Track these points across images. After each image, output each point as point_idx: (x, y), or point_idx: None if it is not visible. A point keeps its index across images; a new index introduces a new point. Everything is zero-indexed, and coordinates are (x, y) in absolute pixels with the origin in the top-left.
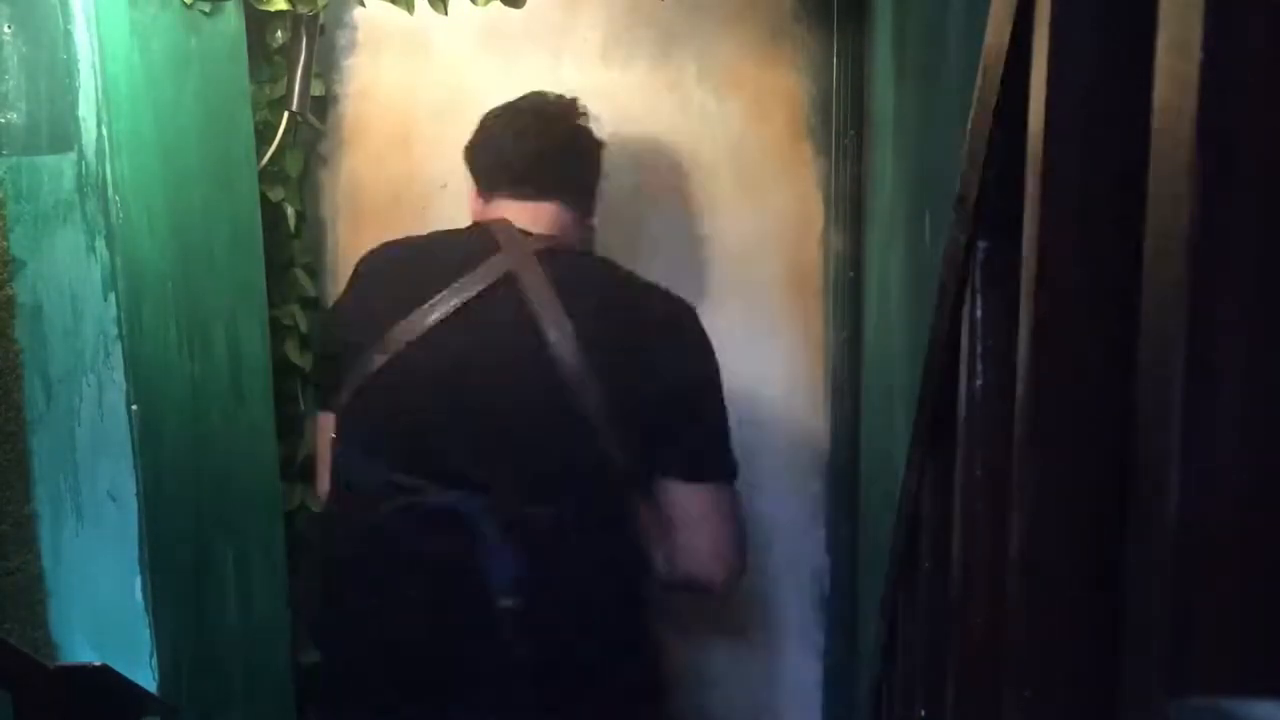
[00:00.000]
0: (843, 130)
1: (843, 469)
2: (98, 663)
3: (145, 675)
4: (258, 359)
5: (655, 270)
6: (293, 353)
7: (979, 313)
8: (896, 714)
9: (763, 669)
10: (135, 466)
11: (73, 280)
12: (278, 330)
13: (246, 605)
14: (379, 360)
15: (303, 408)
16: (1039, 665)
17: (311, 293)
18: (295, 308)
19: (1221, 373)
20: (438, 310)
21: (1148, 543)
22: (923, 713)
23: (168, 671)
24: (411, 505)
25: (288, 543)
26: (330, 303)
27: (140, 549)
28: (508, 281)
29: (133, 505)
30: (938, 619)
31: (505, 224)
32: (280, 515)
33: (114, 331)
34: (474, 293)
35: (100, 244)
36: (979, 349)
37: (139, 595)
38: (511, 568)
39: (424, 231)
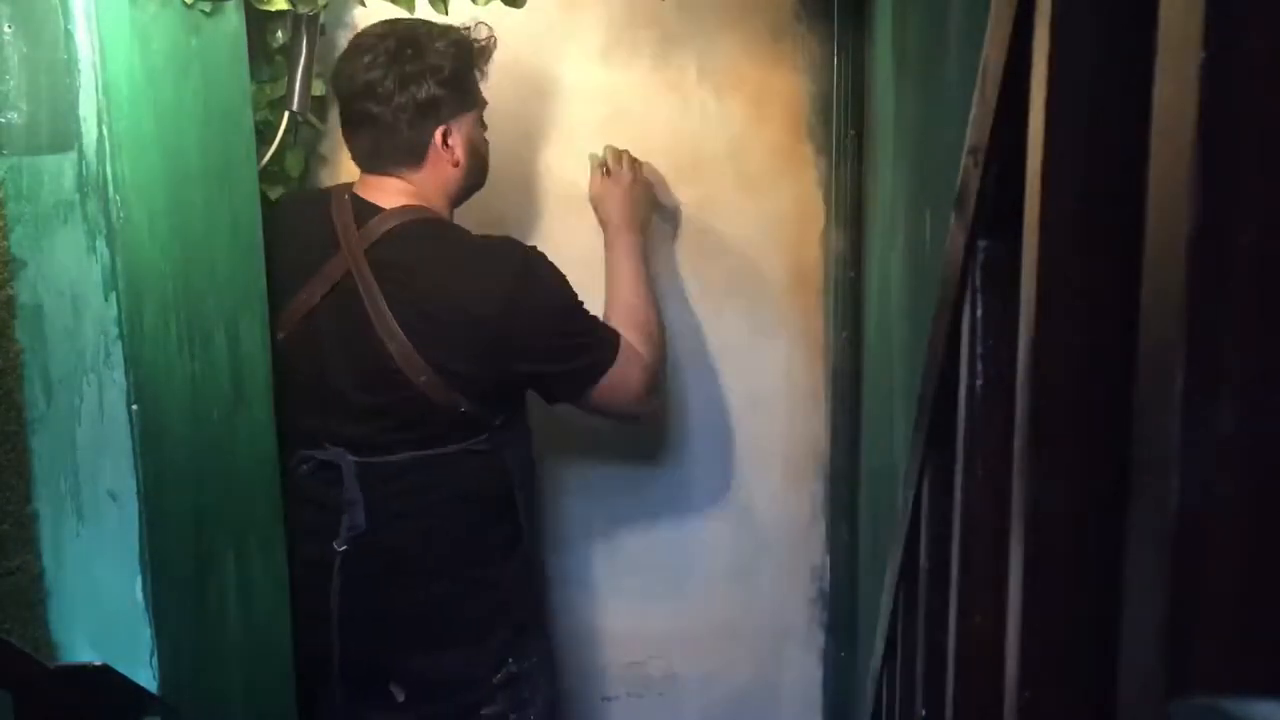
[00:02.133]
0: (843, 130)
1: (842, 468)
2: (98, 662)
3: (146, 675)
4: (258, 359)
5: (655, 268)
6: None
7: (979, 312)
8: (897, 713)
9: (762, 668)
10: (136, 466)
11: (73, 280)
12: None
13: (247, 605)
14: (280, 337)
15: None
16: (1039, 665)
17: None
18: None
19: (1221, 374)
20: (302, 304)
21: (1148, 543)
22: (923, 712)
23: (168, 671)
24: (304, 460)
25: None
26: None
27: (141, 549)
28: (348, 282)
29: (133, 505)
30: (938, 618)
31: (344, 202)
32: (281, 516)
33: (114, 332)
34: (325, 290)
35: (101, 244)
36: (979, 349)
37: (139, 595)
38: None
39: None
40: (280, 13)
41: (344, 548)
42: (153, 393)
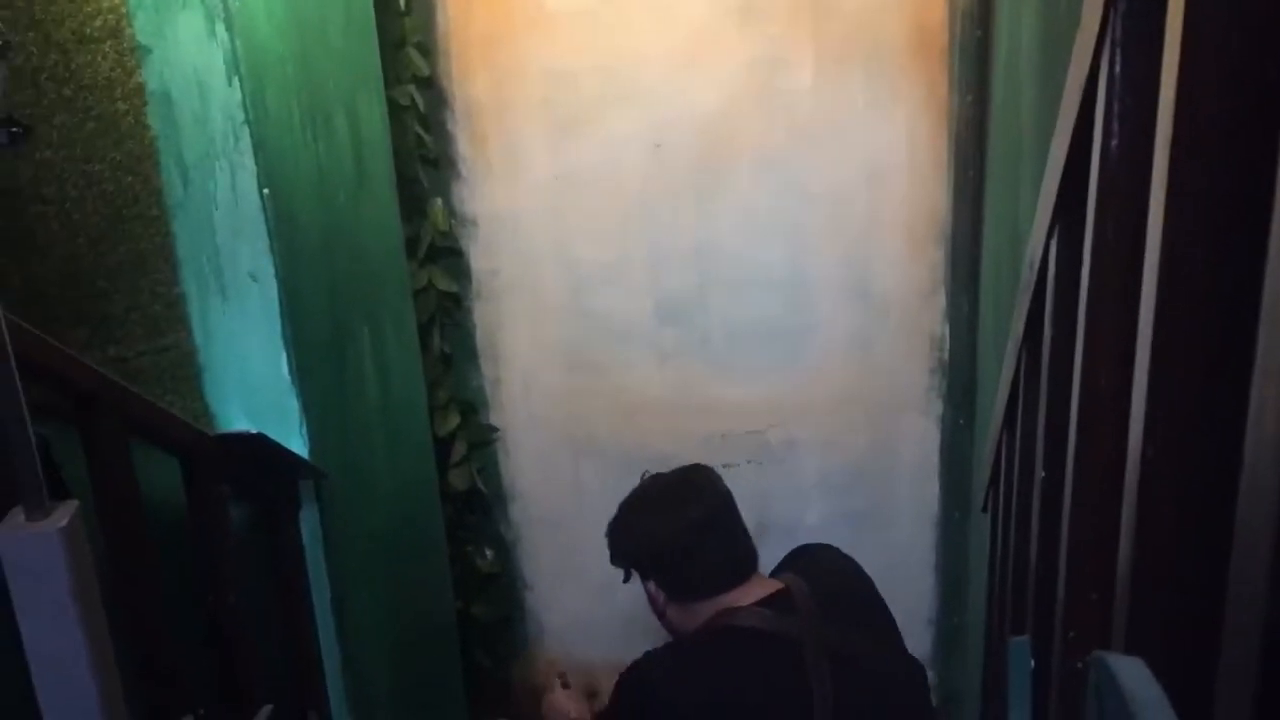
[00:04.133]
0: None
1: (964, 238)
2: (253, 430)
3: (297, 442)
4: (378, 140)
5: (767, 31)
6: (411, 133)
7: (1118, 69)
8: (1016, 476)
9: (880, 436)
10: (271, 249)
11: (197, 66)
12: (395, 110)
13: (384, 379)
14: None
15: (425, 186)
16: (1163, 424)
17: (425, 71)
18: (411, 88)
19: None
20: None
21: None
22: (1043, 474)
23: (317, 439)
24: None
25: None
26: (445, 81)
27: (283, 326)
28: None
29: (273, 285)
30: (1061, 381)
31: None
32: (409, 293)
33: (240, 117)
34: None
35: (220, 28)
36: (1116, 108)
37: (285, 369)
38: None
39: None
40: None
41: None
42: (282, 176)
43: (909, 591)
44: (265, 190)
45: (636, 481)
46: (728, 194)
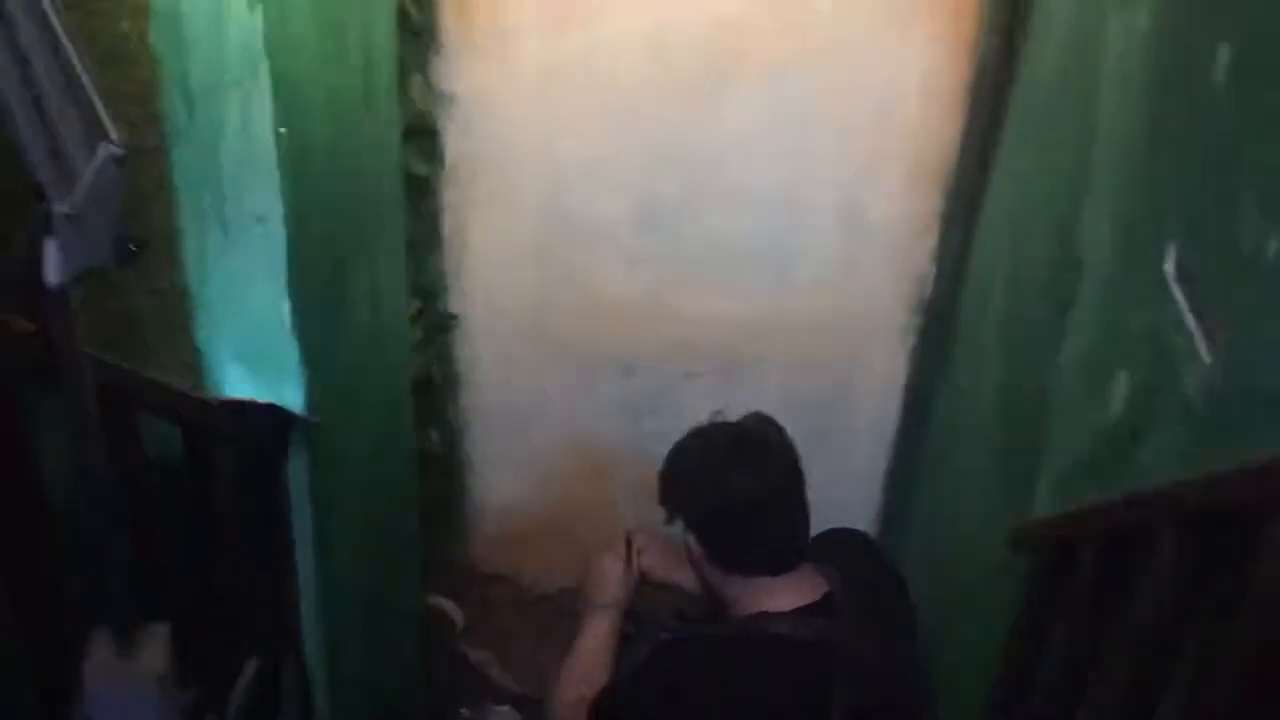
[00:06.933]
0: None
1: (967, 179)
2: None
3: (293, 389)
4: (386, 51)
5: None
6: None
7: None
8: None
9: (850, 359)
10: (282, 191)
11: None
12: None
13: (376, 310)
14: None
15: (405, 61)
16: None
17: None
18: None
19: None
20: None
21: None
22: None
23: (312, 388)
24: None
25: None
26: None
27: (289, 272)
28: None
29: (280, 229)
30: None
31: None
32: (405, 214)
33: (259, 45)
34: None
35: None
36: None
37: (286, 317)
38: None
39: None
40: None
41: None
42: (298, 112)
43: (859, 515)
44: (281, 129)
45: (596, 376)
46: (728, 105)
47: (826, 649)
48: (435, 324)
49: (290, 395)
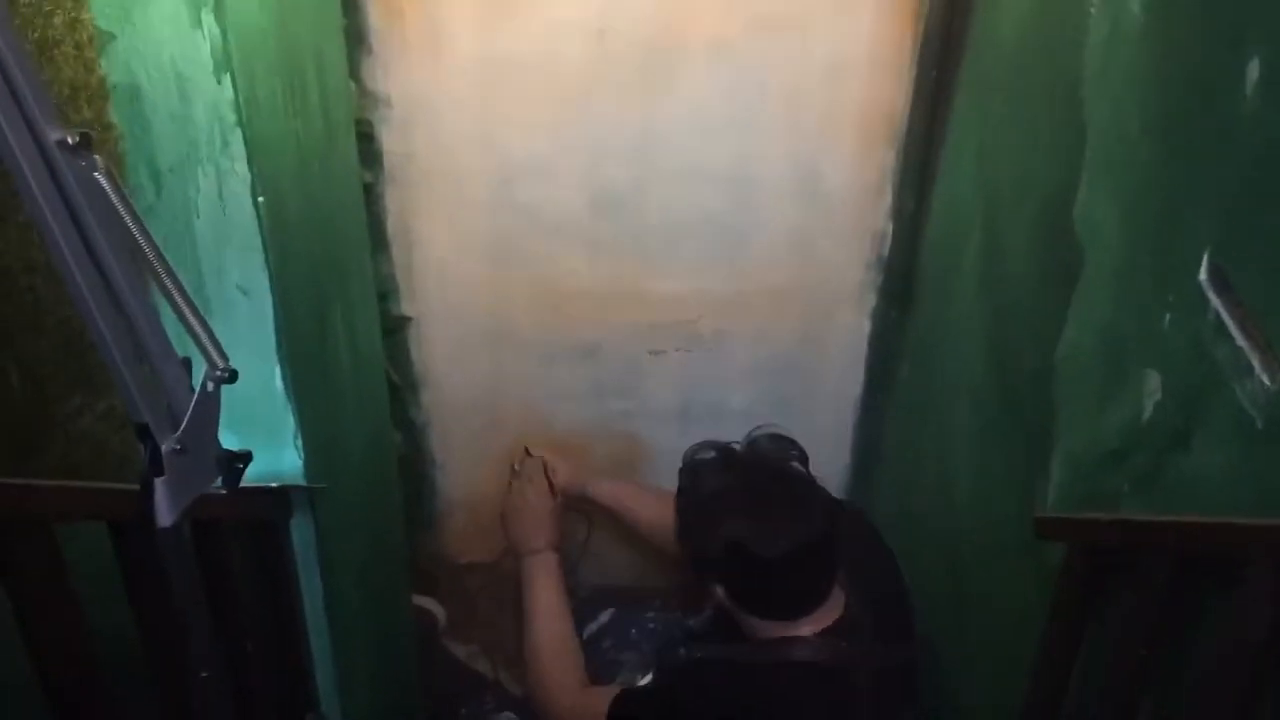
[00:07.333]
0: None
1: (918, 137)
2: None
3: (291, 455)
4: (340, 82)
5: None
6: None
7: None
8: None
9: (812, 327)
10: (266, 261)
11: (175, 57)
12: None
13: (355, 351)
14: None
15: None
16: None
17: None
18: None
19: None
20: None
21: None
22: None
23: (311, 450)
24: None
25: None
26: None
27: (278, 340)
28: None
29: (267, 299)
30: None
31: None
32: (369, 244)
33: (231, 118)
34: None
35: (208, 18)
36: None
37: (279, 384)
38: None
39: None
40: None
41: None
42: (275, 180)
43: (827, 475)
44: (260, 199)
45: (559, 362)
46: (676, 86)
47: (847, 673)
48: (388, 326)
49: (288, 461)
